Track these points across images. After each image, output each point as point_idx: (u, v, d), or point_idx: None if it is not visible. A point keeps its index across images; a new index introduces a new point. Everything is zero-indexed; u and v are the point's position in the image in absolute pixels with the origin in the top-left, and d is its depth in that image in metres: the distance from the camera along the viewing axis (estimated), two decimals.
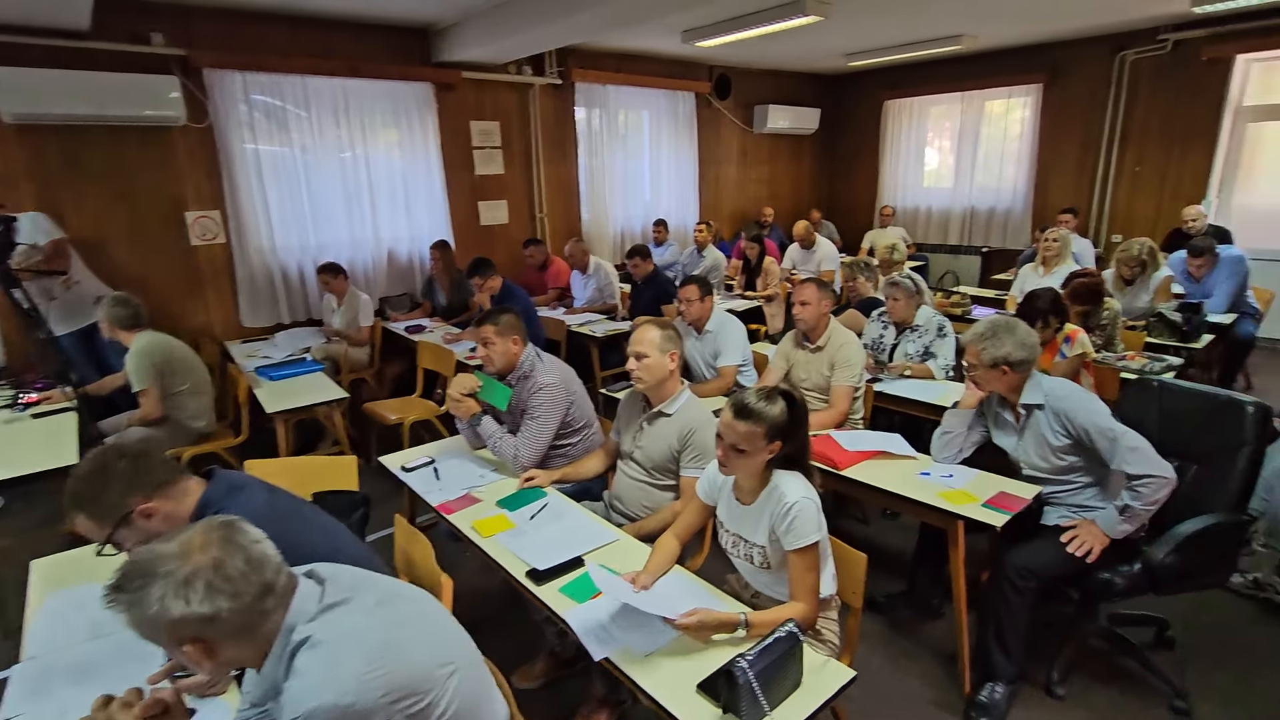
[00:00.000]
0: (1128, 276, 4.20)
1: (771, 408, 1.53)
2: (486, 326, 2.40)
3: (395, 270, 5.33)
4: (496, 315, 2.42)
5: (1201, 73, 5.75)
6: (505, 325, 2.42)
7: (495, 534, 1.98)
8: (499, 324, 2.41)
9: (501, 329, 2.42)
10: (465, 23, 4.65)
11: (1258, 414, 2.09)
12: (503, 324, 2.42)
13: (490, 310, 2.48)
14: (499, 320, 2.41)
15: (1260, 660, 2.32)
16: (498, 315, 2.42)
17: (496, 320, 2.41)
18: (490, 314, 2.44)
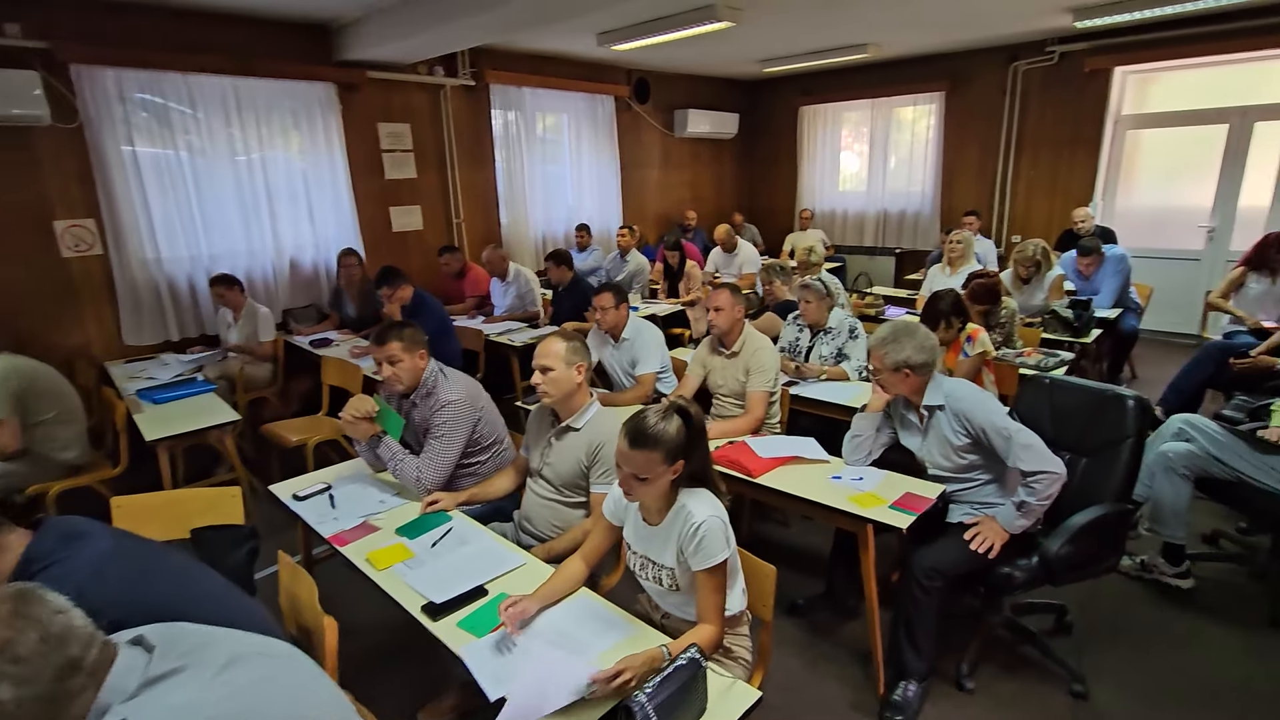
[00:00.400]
0: (1024, 276, 4.42)
1: (667, 428, 1.47)
2: (393, 343, 2.25)
3: (299, 281, 5.03)
4: (400, 330, 2.27)
5: (1085, 83, 6.16)
6: (411, 340, 2.28)
7: (392, 565, 1.85)
8: (405, 339, 2.26)
9: (409, 344, 2.28)
10: (367, 20, 4.43)
11: (1138, 407, 2.20)
12: (409, 339, 2.28)
13: (388, 326, 2.32)
14: (404, 335, 2.27)
15: (1149, 639, 2.45)
16: (401, 330, 2.28)
17: (402, 335, 2.27)
18: (391, 330, 2.29)
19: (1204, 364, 3.77)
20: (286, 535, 2.65)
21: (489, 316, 5.12)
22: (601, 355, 3.40)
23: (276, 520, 2.99)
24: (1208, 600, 2.64)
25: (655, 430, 1.46)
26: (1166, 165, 6.23)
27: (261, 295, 4.77)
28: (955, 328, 3.08)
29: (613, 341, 3.33)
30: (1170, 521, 2.61)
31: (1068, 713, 2.13)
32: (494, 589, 1.74)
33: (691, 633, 1.47)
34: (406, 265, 5.47)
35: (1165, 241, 6.17)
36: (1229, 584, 2.75)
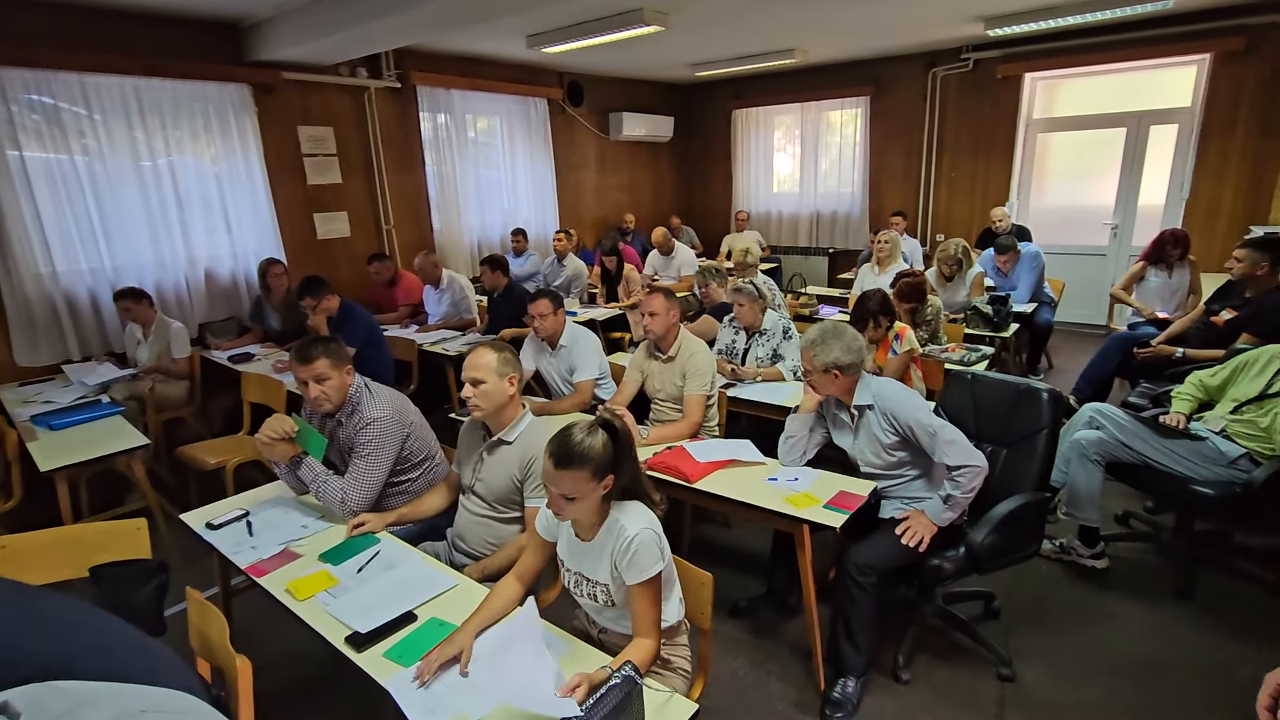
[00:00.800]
0: (947, 274, 4.60)
1: (593, 444, 1.44)
2: (320, 361, 2.12)
3: (216, 293, 4.76)
4: (324, 345, 2.15)
5: (998, 88, 6.47)
6: (338, 355, 2.17)
7: (314, 595, 1.76)
8: (332, 355, 2.14)
9: (336, 360, 2.16)
10: (279, 19, 4.23)
11: (1052, 399, 2.31)
12: (335, 354, 2.16)
13: (310, 341, 2.19)
14: (330, 350, 2.14)
15: (1069, 619, 2.57)
16: (326, 345, 2.15)
17: (328, 350, 2.14)
18: (315, 346, 2.15)
19: (1111, 354, 4.00)
20: (206, 565, 2.49)
21: (422, 325, 4.97)
22: (539, 363, 3.34)
23: (195, 550, 2.81)
24: (1121, 578, 2.80)
25: (580, 448, 1.43)
26: (1073, 167, 6.61)
27: (174, 309, 4.49)
28: (883, 327, 3.17)
29: (550, 349, 3.28)
30: (1085, 505, 2.76)
31: (996, 696, 2.21)
32: (424, 614, 1.67)
33: (627, 649, 1.44)
34: (334, 274, 5.27)
35: (1074, 238, 6.55)
36: (1139, 561, 2.93)
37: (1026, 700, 2.19)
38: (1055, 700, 2.17)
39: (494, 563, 1.96)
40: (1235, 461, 2.54)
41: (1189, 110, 5.80)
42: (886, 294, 3.27)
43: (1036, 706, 2.16)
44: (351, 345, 3.84)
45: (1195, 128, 5.71)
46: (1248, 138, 5.48)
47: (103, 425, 3.19)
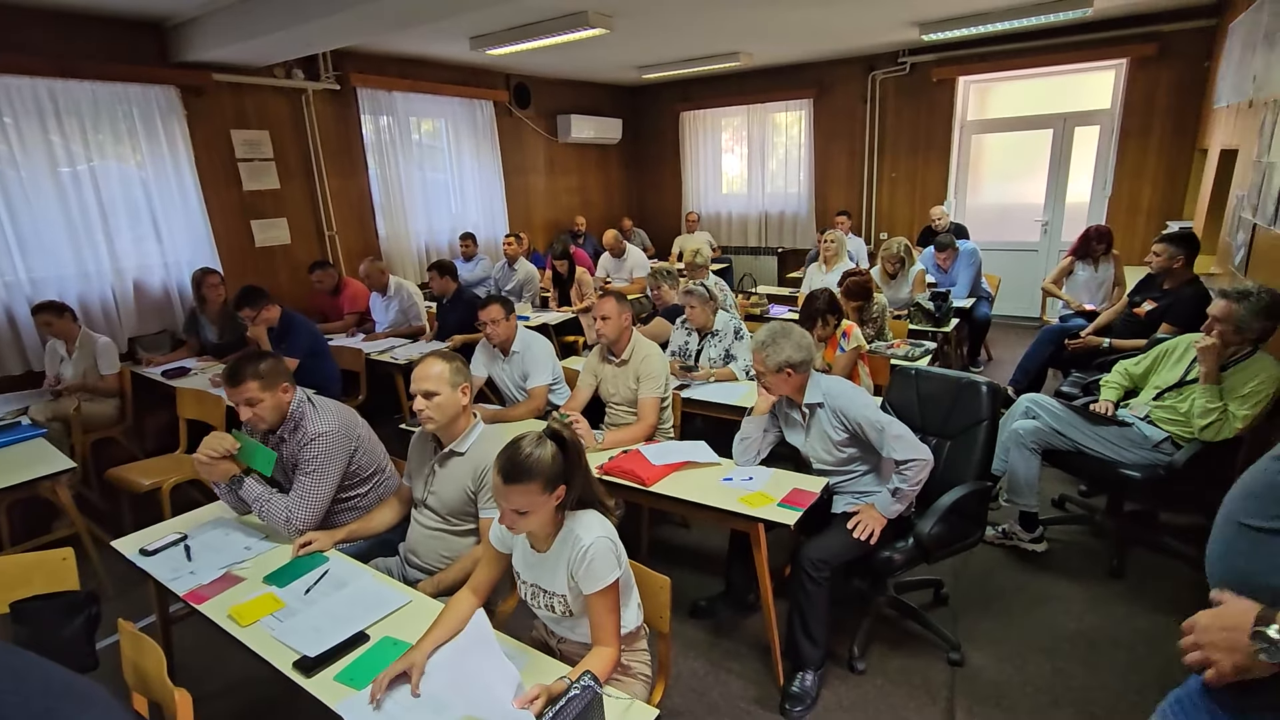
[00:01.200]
0: (891, 272, 4.74)
1: (542, 457, 1.42)
2: (249, 383, 2.03)
3: (147, 305, 4.53)
4: (254, 365, 2.06)
5: (934, 91, 6.70)
6: (270, 374, 2.07)
7: (259, 619, 1.69)
8: (263, 375, 2.05)
9: (268, 380, 2.06)
10: (207, 18, 4.06)
11: (990, 392, 2.40)
12: (268, 373, 2.06)
13: (240, 361, 2.07)
14: (261, 370, 2.05)
15: (1012, 601, 2.68)
16: (256, 365, 2.06)
17: (259, 371, 2.05)
18: (244, 366, 2.05)
19: (1044, 345, 4.19)
20: (143, 593, 2.37)
21: (370, 334, 4.85)
22: (491, 370, 3.29)
23: (130, 577, 2.66)
24: (1059, 559, 2.93)
25: (529, 461, 1.41)
26: (1006, 166, 6.90)
27: (101, 323, 4.26)
28: (831, 325, 3.24)
29: (502, 356, 3.24)
30: (1024, 492, 2.88)
31: (947, 680, 2.29)
32: (376, 633, 1.63)
33: (587, 659, 1.44)
34: (275, 282, 5.10)
35: (1008, 235, 6.83)
36: (1076, 543, 3.07)
37: (975, 682, 2.27)
38: (1002, 680, 2.26)
39: (449, 576, 1.93)
40: (1159, 445, 2.69)
41: (1109, 112, 6.13)
42: (834, 293, 3.35)
43: (984, 688, 2.24)
44: (294, 357, 3.74)
45: (1115, 128, 6.03)
46: (1162, 137, 5.81)
47: (24, 449, 3.00)
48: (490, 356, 3.28)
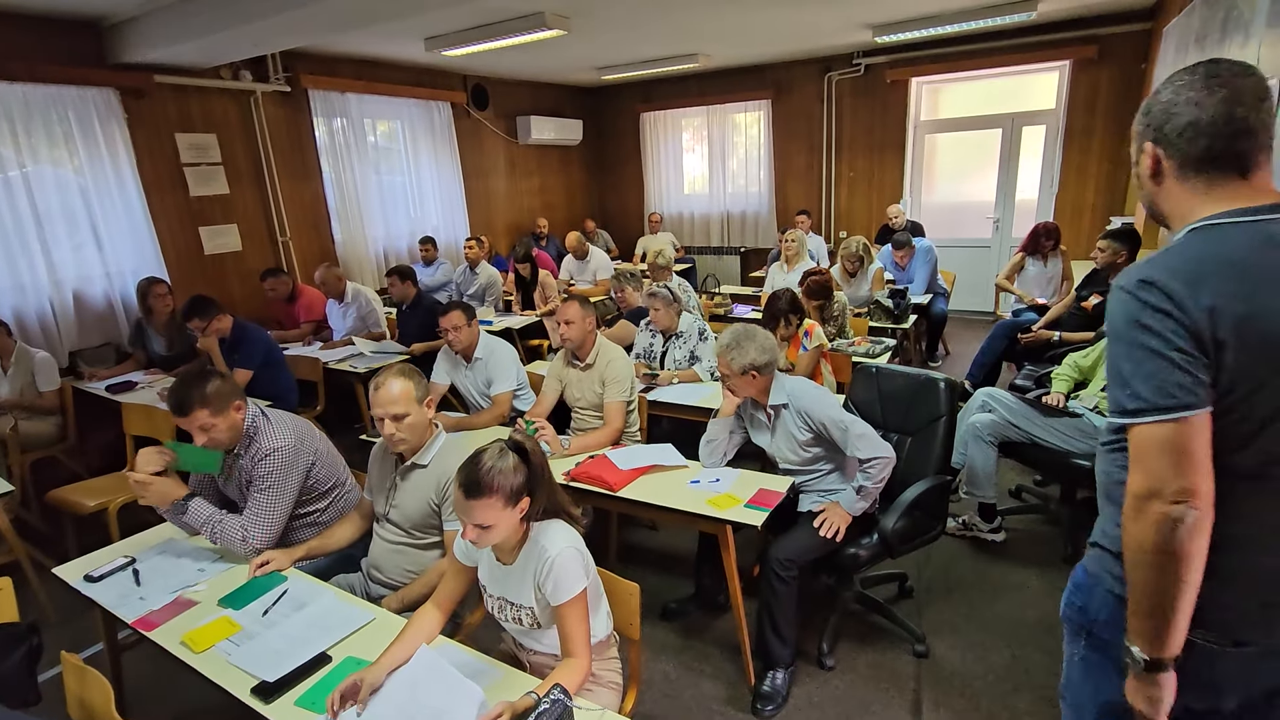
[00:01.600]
0: (850, 270, 4.82)
1: (504, 470, 1.40)
2: (199, 413, 1.93)
3: (89, 317, 4.34)
4: (200, 391, 1.93)
5: (888, 92, 6.84)
6: (218, 396, 1.96)
7: (214, 644, 1.63)
8: (211, 401, 1.94)
9: (218, 405, 1.96)
10: (146, 18, 3.90)
11: (948, 388, 2.46)
12: (215, 397, 1.95)
13: (184, 386, 1.95)
14: (208, 396, 1.94)
15: (974, 591, 2.75)
16: (202, 390, 1.94)
17: (205, 398, 1.93)
18: (190, 392, 1.93)
19: (998, 340, 4.31)
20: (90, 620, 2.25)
21: (327, 342, 4.72)
22: (454, 378, 3.24)
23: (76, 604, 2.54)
24: (1017, 548, 3.02)
25: (490, 475, 1.38)
26: (958, 165, 7.09)
27: (38, 337, 4.06)
28: (794, 325, 3.28)
29: (465, 362, 3.19)
30: (982, 484, 2.95)
31: (914, 672, 2.33)
32: (339, 654, 1.58)
33: (557, 671, 1.42)
34: (226, 291, 4.95)
35: (962, 232, 7.02)
36: (1032, 531, 3.17)
37: (940, 673, 2.32)
38: (965, 670, 2.32)
39: (414, 591, 1.88)
40: None
41: (1054, 112, 6.34)
42: (795, 293, 3.39)
43: (949, 678, 2.29)
44: (248, 368, 3.63)
45: (1060, 128, 6.25)
46: (1104, 136, 6.04)
47: None
48: (452, 364, 3.23)
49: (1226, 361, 0.93)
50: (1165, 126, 1.04)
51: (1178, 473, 0.92)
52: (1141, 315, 0.96)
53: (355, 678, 1.41)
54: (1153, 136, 1.07)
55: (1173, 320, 0.93)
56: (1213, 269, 0.94)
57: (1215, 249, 0.97)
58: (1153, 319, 0.94)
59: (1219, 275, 0.94)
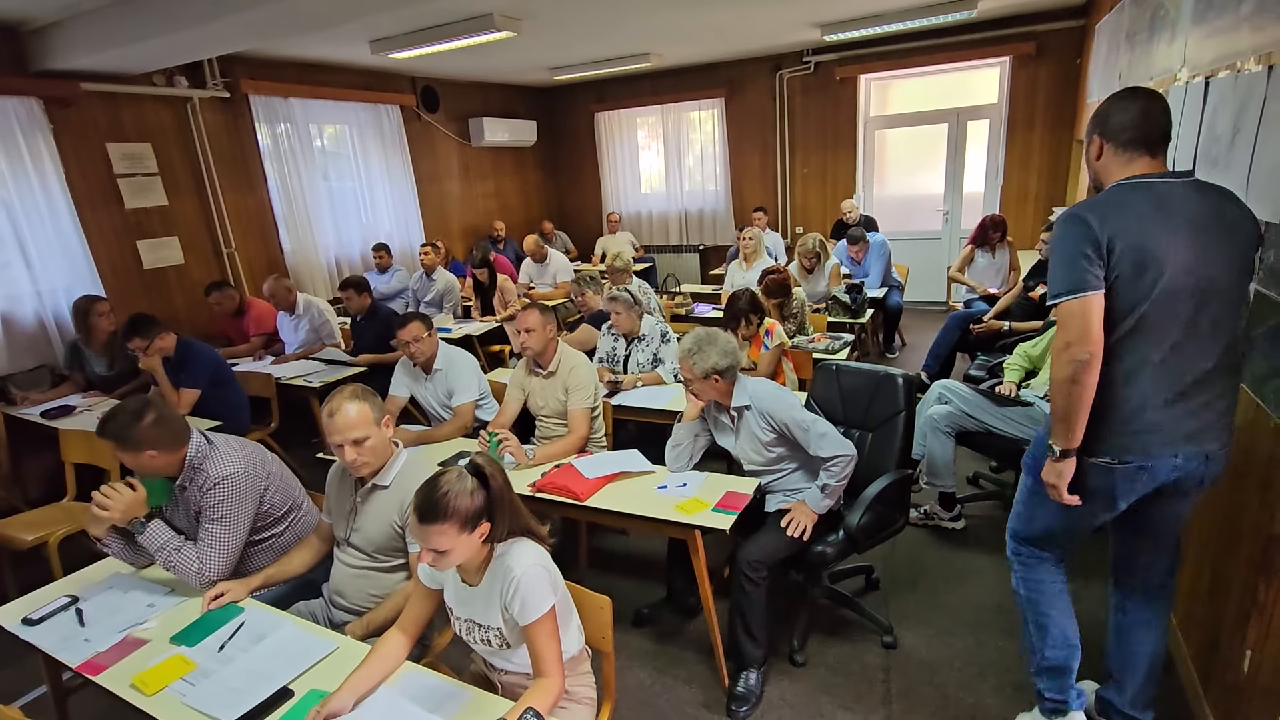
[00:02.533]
0: (808, 266, 4.88)
1: (460, 496, 1.36)
2: (128, 454, 1.85)
3: (19, 339, 4.11)
4: (127, 429, 1.83)
5: (838, 89, 6.95)
6: (164, 437, 1.87)
7: (168, 685, 1.56)
8: (159, 442, 1.86)
9: (166, 445, 1.87)
10: (70, 22, 3.70)
11: (906, 384, 2.50)
12: (161, 439, 1.86)
13: (122, 430, 1.84)
14: (125, 436, 1.83)
15: (937, 579, 2.81)
16: (128, 429, 1.84)
17: (122, 437, 1.83)
18: (125, 436, 1.83)
19: (951, 331, 4.42)
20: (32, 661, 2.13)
21: (279, 356, 4.57)
22: (414, 390, 3.17)
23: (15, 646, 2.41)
24: (977, 536, 3.10)
25: (446, 500, 1.34)
26: (907, 160, 7.25)
27: None
28: (754, 324, 3.30)
29: (425, 375, 3.12)
30: (942, 474, 3.03)
31: (882, 663, 2.38)
32: (301, 687, 1.53)
33: (529, 693, 1.39)
34: (169, 307, 4.76)
35: (913, 225, 7.19)
36: (990, 518, 3.26)
37: (908, 663, 2.36)
38: (932, 659, 2.37)
39: (379, 616, 1.83)
40: None
41: (997, 107, 6.53)
42: (755, 292, 3.41)
43: (916, 667, 2.34)
44: (195, 387, 3.50)
45: (1003, 122, 6.44)
46: (1045, 130, 6.25)
47: None
48: (412, 376, 3.16)
49: (1112, 263, 1.48)
50: (1107, 123, 1.61)
51: (1083, 330, 1.49)
52: (1067, 234, 1.53)
53: (317, 710, 1.37)
54: (1099, 130, 1.62)
55: (1085, 238, 1.49)
56: (1113, 208, 1.51)
57: (1118, 197, 1.53)
58: (1073, 236, 1.51)
59: (1115, 211, 1.50)
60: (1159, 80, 2.91)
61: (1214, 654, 1.94)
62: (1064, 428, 1.56)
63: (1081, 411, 1.52)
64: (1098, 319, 1.48)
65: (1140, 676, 1.84)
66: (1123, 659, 1.87)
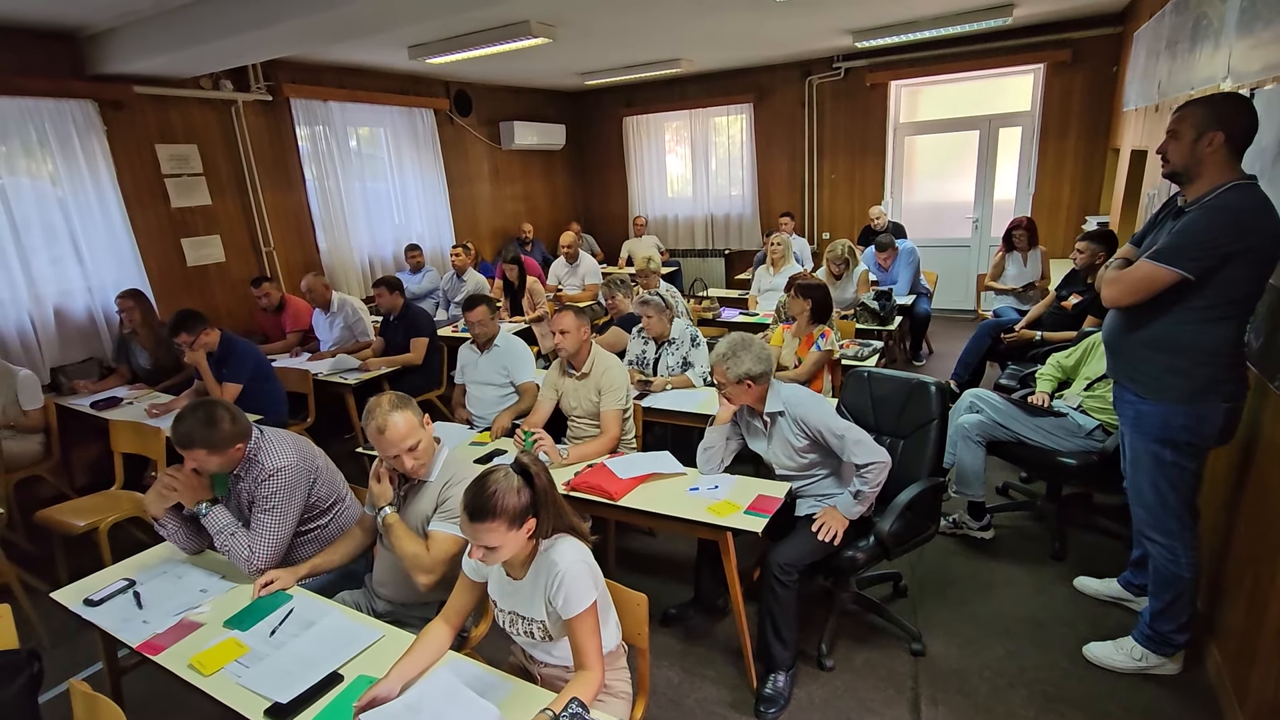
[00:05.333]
0: (836, 273, 4.88)
1: (507, 495, 1.42)
2: (198, 451, 1.92)
3: (70, 332, 4.27)
4: (207, 431, 1.92)
5: (868, 95, 6.93)
6: (223, 439, 1.94)
7: (223, 667, 1.63)
8: (214, 445, 1.93)
9: (219, 446, 1.94)
10: (125, 29, 3.85)
11: (939, 391, 2.51)
12: (218, 443, 1.94)
13: (193, 420, 1.93)
14: (213, 440, 1.93)
15: (966, 588, 2.81)
16: (209, 431, 1.92)
17: (210, 440, 1.92)
18: (197, 429, 1.92)
19: (982, 340, 4.40)
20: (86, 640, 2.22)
21: (315, 353, 4.69)
22: (468, 368, 3.44)
23: (69, 624, 2.51)
24: (1006, 545, 3.09)
25: (494, 500, 1.41)
26: (937, 166, 7.20)
27: (19, 354, 3.99)
28: (808, 309, 3.39)
29: (480, 352, 3.40)
30: (972, 483, 3.02)
31: (910, 670, 2.38)
32: (350, 672, 1.59)
33: (571, 685, 1.44)
34: (211, 303, 4.91)
35: (942, 232, 7.14)
36: (1020, 528, 3.24)
37: (936, 671, 2.37)
38: (961, 668, 2.37)
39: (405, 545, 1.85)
40: (1091, 433, 2.86)
41: (1030, 114, 6.47)
42: (829, 291, 3.54)
43: (945, 675, 2.34)
44: (238, 382, 3.61)
45: (1036, 129, 6.38)
46: (1078, 138, 6.18)
47: None
48: (469, 355, 3.45)
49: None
50: (1236, 124, 1.79)
51: (1139, 293, 1.92)
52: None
53: (369, 695, 1.43)
54: (1222, 127, 1.79)
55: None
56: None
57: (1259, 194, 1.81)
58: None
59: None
60: (1200, 90, 2.88)
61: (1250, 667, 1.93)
62: None
63: None
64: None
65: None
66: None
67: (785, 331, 3.60)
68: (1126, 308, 2.00)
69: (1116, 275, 1.98)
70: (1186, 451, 2.01)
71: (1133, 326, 2.03)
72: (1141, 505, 2.15)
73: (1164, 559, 2.12)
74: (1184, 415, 1.95)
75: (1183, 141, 1.84)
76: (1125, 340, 2.07)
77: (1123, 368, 2.12)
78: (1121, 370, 2.14)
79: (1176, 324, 1.91)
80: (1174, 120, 1.89)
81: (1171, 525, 2.09)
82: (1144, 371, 2.02)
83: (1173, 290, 1.87)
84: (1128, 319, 2.05)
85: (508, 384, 3.35)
